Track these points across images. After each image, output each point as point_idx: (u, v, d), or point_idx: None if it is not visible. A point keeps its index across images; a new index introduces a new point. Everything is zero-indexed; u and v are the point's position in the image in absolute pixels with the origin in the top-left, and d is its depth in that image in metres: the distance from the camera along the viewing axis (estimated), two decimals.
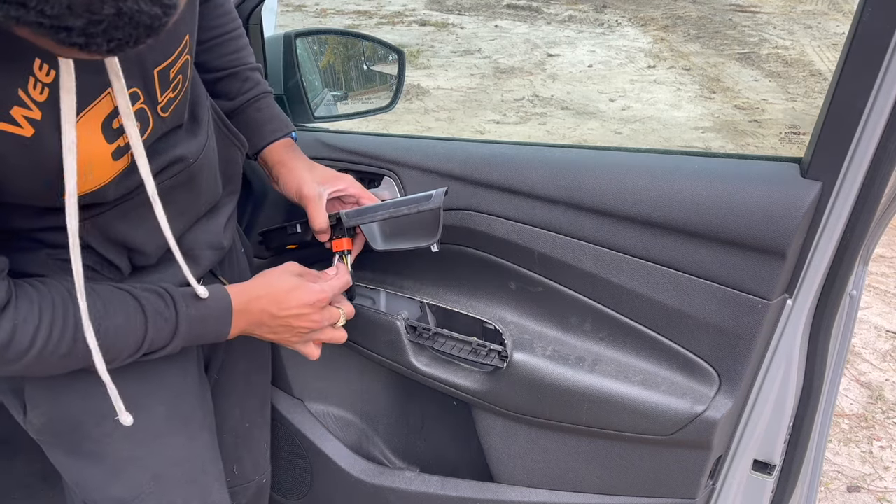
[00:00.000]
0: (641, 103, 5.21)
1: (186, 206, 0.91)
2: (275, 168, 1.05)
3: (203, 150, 0.91)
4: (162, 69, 0.76)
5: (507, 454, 1.14)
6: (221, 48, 1.03)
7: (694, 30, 6.96)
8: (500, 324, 1.08)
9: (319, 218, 1.00)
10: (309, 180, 1.01)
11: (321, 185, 1.01)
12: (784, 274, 0.88)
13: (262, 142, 1.06)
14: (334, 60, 1.58)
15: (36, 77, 0.65)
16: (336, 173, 1.04)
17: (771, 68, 5.89)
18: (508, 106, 5.17)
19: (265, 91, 1.07)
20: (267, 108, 1.06)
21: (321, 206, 1.00)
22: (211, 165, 0.94)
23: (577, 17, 7.47)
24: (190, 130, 0.89)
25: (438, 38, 6.84)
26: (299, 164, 1.04)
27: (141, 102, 0.76)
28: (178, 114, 0.84)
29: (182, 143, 0.87)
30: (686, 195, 0.90)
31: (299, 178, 1.02)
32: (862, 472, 2.14)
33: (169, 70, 0.77)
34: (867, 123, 0.78)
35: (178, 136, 0.86)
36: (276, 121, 1.06)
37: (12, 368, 0.75)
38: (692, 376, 0.97)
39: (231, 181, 1.03)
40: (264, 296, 0.91)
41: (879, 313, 2.91)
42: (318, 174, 1.03)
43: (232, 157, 1.02)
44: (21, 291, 0.74)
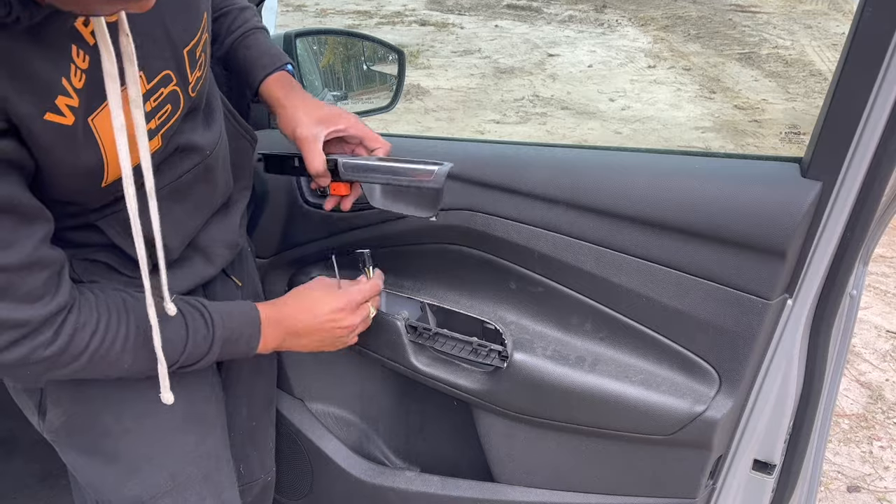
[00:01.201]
0: (641, 103, 5.21)
1: (203, 201, 0.90)
2: (272, 107, 1.00)
3: (218, 142, 0.90)
4: (190, 49, 0.76)
5: (507, 454, 1.14)
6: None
7: (694, 30, 6.96)
8: (500, 324, 1.08)
9: (315, 161, 0.94)
10: (304, 120, 0.95)
11: (318, 124, 0.95)
12: (784, 274, 0.88)
13: (255, 81, 1.00)
14: (334, 60, 1.58)
15: (75, 63, 0.65)
16: (337, 111, 0.98)
17: (771, 68, 5.89)
18: (508, 106, 5.17)
19: (253, 27, 1.02)
20: (255, 45, 1.01)
21: (317, 148, 0.94)
22: (224, 158, 0.94)
23: (577, 17, 7.47)
24: (206, 121, 0.89)
25: (438, 38, 6.84)
26: (296, 102, 0.97)
27: (174, 84, 0.76)
28: (201, 95, 0.84)
29: (199, 133, 0.86)
30: (686, 195, 0.90)
31: (294, 117, 0.96)
32: (862, 472, 2.14)
33: (195, 49, 0.78)
34: (867, 123, 0.78)
35: (196, 125, 0.86)
36: (266, 56, 1.00)
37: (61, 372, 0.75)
38: (692, 376, 0.97)
39: (242, 175, 1.01)
40: (295, 308, 0.92)
41: (879, 313, 2.91)
42: (315, 113, 0.96)
43: (242, 149, 1.01)
44: (82, 297, 0.75)
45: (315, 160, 0.94)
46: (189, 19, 0.76)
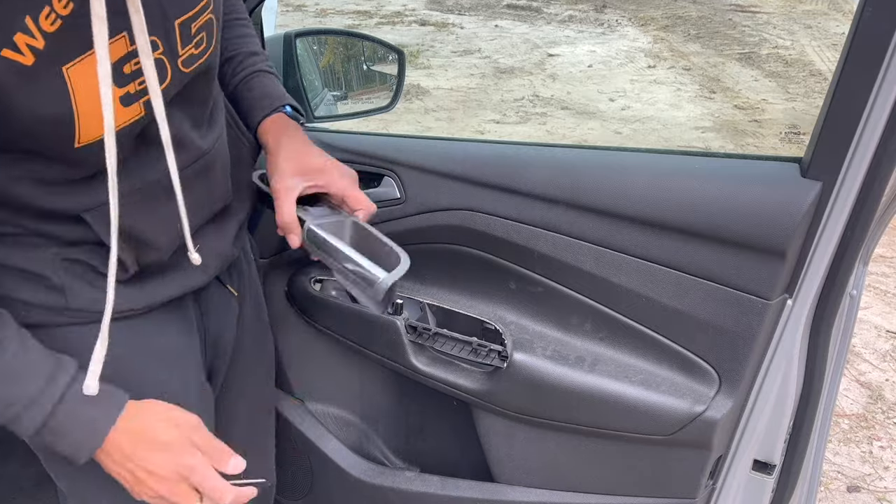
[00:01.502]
0: (641, 103, 5.21)
1: (200, 201, 0.88)
2: (263, 150, 0.97)
3: (217, 142, 0.88)
4: (183, 21, 0.74)
5: (507, 454, 1.14)
6: (226, 32, 0.99)
7: (694, 30, 6.96)
8: (500, 324, 1.08)
9: (281, 215, 0.89)
10: (284, 169, 0.90)
11: (296, 176, 0.90)
12: (784, 274, 0.88)
13: (252, 123, 0.97)
14: (334, 60, 1.58)
15: (52, 7, 0.63)
16: (322, 164, 0.92)
17: (771, 68, 5.89)
18: (508, 106, 5.17)
19: (258, 70, 0.99)
20: (258, 87, 0.98)
21: (286, 202, 0.88)
22: (223, 161, 0.91)
23: (577, 17, 7.47)
24: (208, 120, 0.87)
25: (438, 38, 6.84)
26: (281, 148, 0.93)
27: (160, 53, 0.73)
28: (203, 79, 0.81)
29: (198, 131, 0.85)
30: (686, 195, 0.90)
31: (276, 164, 0.91)
32: (862, 472, 2.14)
33: (191, 24, 0.75)
34: (867, 123, 0.78)
35: (197, 122, 0.84)
36: (265, 98, 0.97)
37: None
38: (692, 376, 0.97)
39: (242, 185, 0.99)
40: (143, 426, 0.79)
41: (879, 313, 2.91)
42: (297, 163, 0.91)
43: (243, 160, 0.98)
44: None
45: (282, 214, 0.88)
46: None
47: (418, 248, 1.13)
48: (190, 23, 0.75)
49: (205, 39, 0.78)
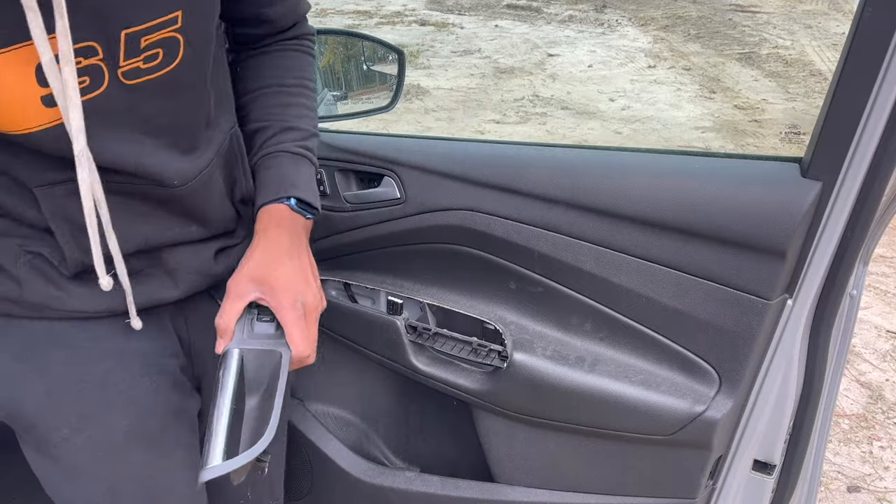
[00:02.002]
0: (641, 103, 5.21)
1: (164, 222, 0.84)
2: None
3: (195, 179, 0.82)
4: (131, 33, 0.70)
5: (507, 454, 1.14)
6: (265, 99, 0.93)
7: (694, 30, 6.96)
8: (500, 324, 1.08)
9: (220, 316, 0.80)
10: (247, 268, 0.82)
11: (251, 283, 0.81)
12: (784, 274, 0.88)
13: (255, 206, 0.90)
14: (334, 60, 1.58)
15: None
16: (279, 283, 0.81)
17: (771, 68, 5.89)
18: (508, 106, 5.17)
19: (281, 150, 0.91)
20: (273, 168, 0.90)
21: (229, 308, 0.80)
22: (211, 196, 0.86)
23: (577, 17, 7.47)
24: (179, 147, 0.80)
25: (438, 38, 6.84)
26: (259, 245, 0.85)
27: (98, 59, 0.70)
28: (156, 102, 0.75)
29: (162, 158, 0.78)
30: (686, 195, 0.90)
31: (243, 261, 0.84)
32: (862, 472, 2.14)
33: (140, 37, 0.71)
34: (867, 123, 0.78)
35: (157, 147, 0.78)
36: (272, 184, 0.89)
37: None
38: (692, 376, 0.97)
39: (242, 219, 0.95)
40: None
41: (879, 313, 2.91)
42: (260, 267, 0.82)
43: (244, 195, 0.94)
44: None
45: (221, 317, 0.81)
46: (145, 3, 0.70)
47: (418, 248, 1.13)
48: (140, 35, 0.71)
49: (160, 56, 0.73)
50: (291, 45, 0.96)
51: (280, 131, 0.92)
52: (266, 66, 0.94)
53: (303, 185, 0.90)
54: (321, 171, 1.18)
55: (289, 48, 0.95)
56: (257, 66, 0.94)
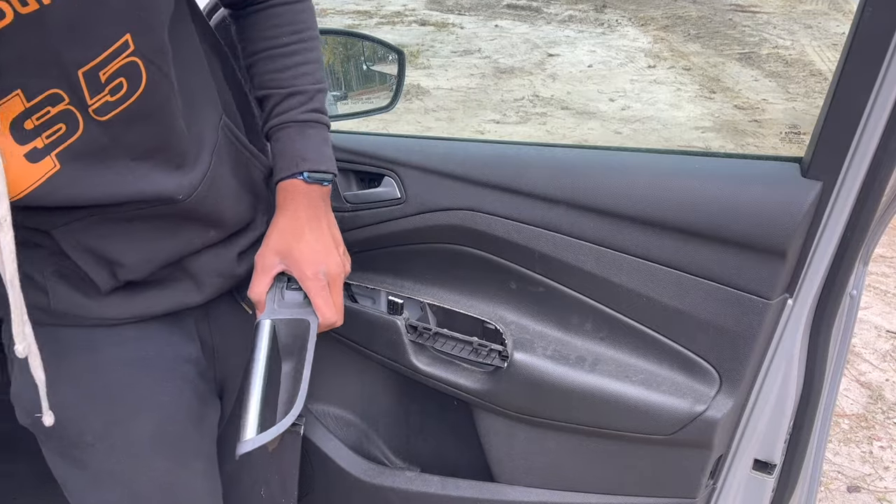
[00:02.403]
0: (641, 103, 5.21)
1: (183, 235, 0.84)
2: None
3: (199, 187, 0.82)
4: (88, 70, 0.69)
5: (507, 454, 1.14)
6: (263, 64, 0.90)
7: (694, 30, 6.96)
8: (500, 324, 1.08)
9: (252, 288, 0.85)
10: (271, 241, 0.86)
11: (277, 255, 0.86)
12: (784, 274, 0.88)
13: (272, 181, 0.92)
14: (334, 60, 1.58)
15: None
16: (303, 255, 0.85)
17: (771, 68, 5.89)
18: (508, 106, 5.17)
19: (292, 120, 0.89)
20: (282, 142, 0.90)
21: (260, 279, 0.85)
22: (222, 197, 0.86)
23: (577, 17, 7.47)
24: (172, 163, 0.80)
25: (438, 38, 6.84)
26: (280, 218, 0.88)
27: (66, 104, 0.69)
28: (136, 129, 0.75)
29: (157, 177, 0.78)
30: (686, 195, 0.90)
31: (269, 231, 0.88)
32: (862, 472, 2.14)
33: (98, 72, 0.69)
34: (867, 123, 0.78)
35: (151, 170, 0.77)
36: (285, 157, 0.89)
37: None
38: (693, 376, 0.97)
39: (257, 205, 0.94)
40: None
41: (879, 313, 2.91)
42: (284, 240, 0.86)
43: (256, 181, 0.94)
44: None
45: (252, 290, 0.85)
46: (88, 39, 0.68)
47: (418, 248, 1.13)
48: (97, 70, 0.69)
49: (125, 85, 0.72)
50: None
51: (283, 99, 0.90)
52: (256, 28, 0.91)
53: (313, 155, 0.89)
54: None
55: (273, 3, 0.91)
56: (248, 27, 0.91)
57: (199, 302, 0.90)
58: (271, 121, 0.90)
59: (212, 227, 0.87)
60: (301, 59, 0.91)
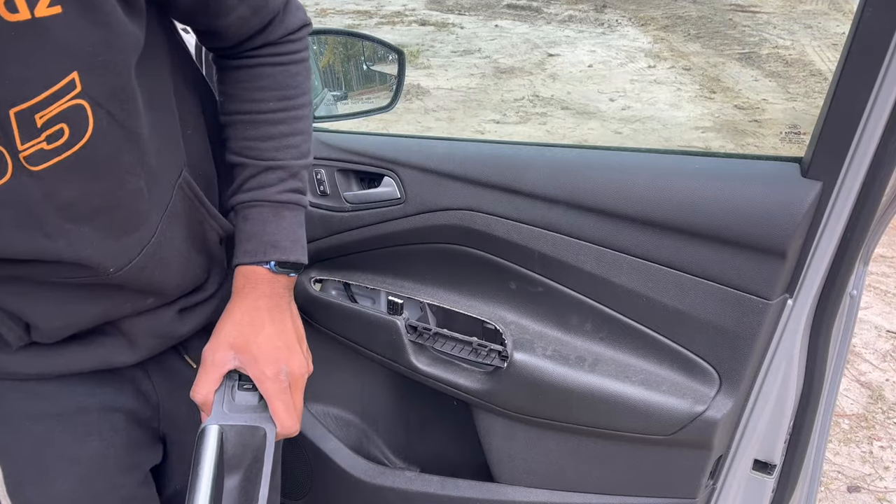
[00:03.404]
0: (641, 103, 5.21)
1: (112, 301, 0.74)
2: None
3: (137, 258, 0.71)
4: (21, 111, 0.58)
5: (507, 454, 1.14)
6: (243, 129, 0.79)
7: (694, 30, 6.96)
8: (500, 324, 1.08)
9: (195, 388, 0.75)
10: (223, 334, 0.76)
11: (230, 350, 0.75)
12: (784, 274, 0.88)
13: (232, 262, 0.81)
14: (334, 60, 1.58)
15: None
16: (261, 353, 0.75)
17: (771, 68, 5.89)
18: (508, 106, 5.17)
19: (264, 199, 0.79)
20: (252, 221, 0.79)
21: (205, 378, 0.74)
22: (165, 266, 0.75)
23: (577, 17, 7.47)
24: (115, 228, 0.69)
25: (438, 38, 6.84)
26: (236, 308, 0.77)
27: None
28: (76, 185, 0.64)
29: (93, 245, 0.67)
30: (686, 195, 0.90)
31: (222, 322, 0.77)
32: (862, 472, 2.14)
33: (33, 115, 0.59)
34: (867, 123, 0.78)
35: (87, 233, 0.67)
36: (252, 241, 0.78)
37: None
38: (692, 376, 0.97)
39: (214, 265, 0.84)
40: None
41: (879, 313, 2.91)
42: (239, 334, 0.75)
43: (210, 243, 0.83)
44: None
45: (196, 389, 0.75)
46: (24, 76, 0.58)
47: (418, 248, 1.13)
48: (32, 113, 0.59)
49: (66, 132, 0.61)
50: (266, 57, 0.79)
51: (260, 172, 0.79)
52: (240, 86, 0.80)
53: (284, 242, 0.79)
54: (321, 171, 1.18)
55: (264, 62, 0.79)
56: (231, 82, 0.80)
57: (131, 362, 0.80)
58: (241, 195, 0.80)
59: (149, 294, 0.77)
60: (287, 130, 0.80)
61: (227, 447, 0.72)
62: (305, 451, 1.35)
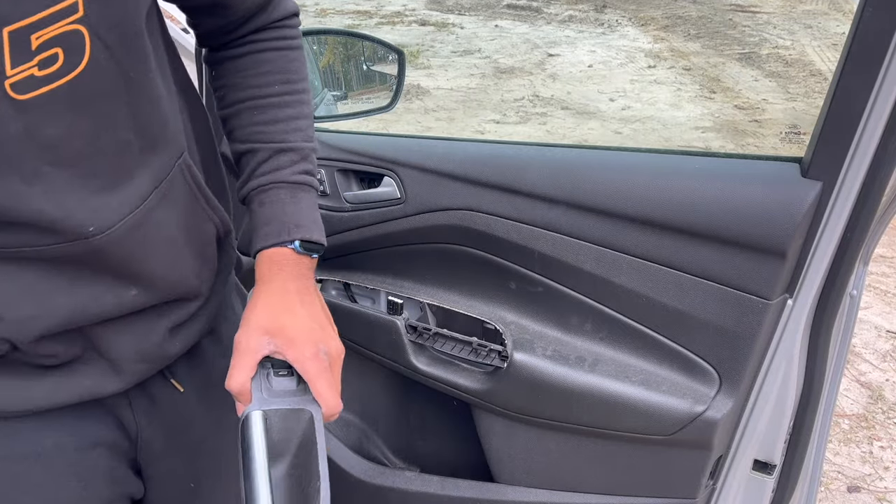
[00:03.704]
0: (641, 103, 5.21)
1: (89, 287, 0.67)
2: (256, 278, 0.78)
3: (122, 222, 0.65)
4: (16, 30, 0.54)
5: (507, 454, 1.14)
6: (249, 115, 0.78)
7: (694, 30, 6.96)
8: (500, 324, 1.07)
9: (233, 377, 0.70)
10: (255, 319, 0.72)
11: (264, 335, 0.72)
12: (784, 274, 0.88)
13: (252, 248, 0.78)
14: (334, 60, 1.58)
15: None
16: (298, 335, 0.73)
17: (771, 68, 5.89)
18: (508, 106, 5.17)
19: (282, 181, 0.77)
20: (270, 204, 0.77)
21: (242, 367, 0.70)
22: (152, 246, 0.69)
23: (577, 17, 7.47)
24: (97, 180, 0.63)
25: (438, 38, 6.84)
26: (264, 292, 0.75)
27: None
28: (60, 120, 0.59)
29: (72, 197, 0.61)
30: (686, 195, 0.90)
31: (250, 308, 0.74)
32: (862, 473, 2.14)
33: (30, 34, 0.54)
34: (867, 123, 0.78)
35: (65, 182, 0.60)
36: (274, 223, 0.76)
37: None
38: (692, 376, 0.97)
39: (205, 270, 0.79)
40: None
41: (879, 313, 2.91)
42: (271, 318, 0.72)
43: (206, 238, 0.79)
44: None
45: (232, 377, 0.70)
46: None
47: (418, 248, 1.13)
48: (29, 32, 0.54)
49: (60, 58, 0.57)
50: (267, 42, 0.79)
51: (272, 155, 0.78)
52: (242, 74, 0.79)
53: (306, 221, 0.78)
54: (321, 171, 1.18)
55: (265, 46, 0.79)
56: (232, 72, 0.79)
57: (119, 390, 0.75)
58: (256, 179, 0.78)
59: (132, 283, 0.69)
60: (293, 113, 0.79)
61: (273, 433, 0.70)
62: None
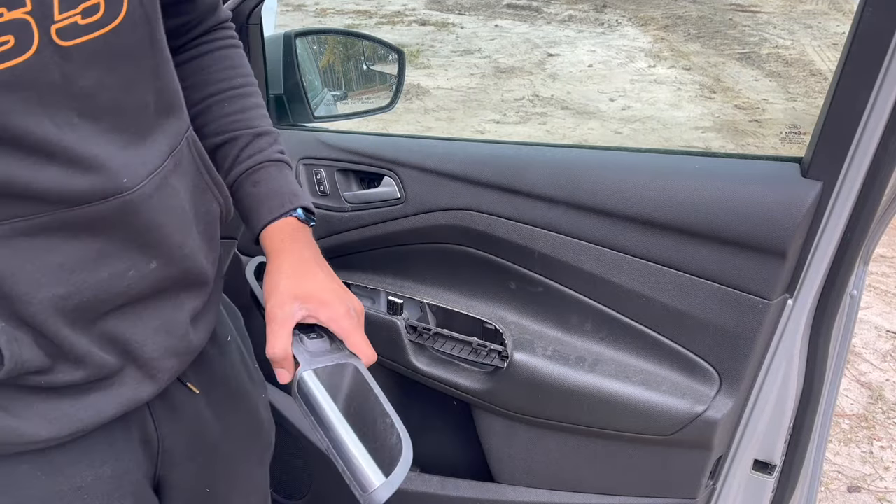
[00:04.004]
0: (641, 103, 5.21)
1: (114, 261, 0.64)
2: (266, 255, 0.80)
3: (150, 177, 0.64)
4: None
5: (507, 454, 1.14)
6: (220, 108, 0.81)
7: (694, 29, 6.96)
8: (500, 324, 1.07)
9: (273, 346, 0.72)
10: (282, 289, 0.74)
11: (295, 301, 0.74)
12: (784, 274, 0.88)
13: (256, 227, 0.80)
14: (334, 60, 1.58)
15: None
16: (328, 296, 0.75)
17: (771, 68, 5.89)
18: (508, 106, 5.17)
19: (267, 159, 0.80)
20: (266, 181, 0.79)
21: (281, 334, 0.72)
22: (171, 212, 0.69)
23: (577, 17, 7.47)
24: (125, 134, 0.63)
25: (438, 38, 6.84)
26: (285, 261, 0.77)
27: (25, 10, 0.52)
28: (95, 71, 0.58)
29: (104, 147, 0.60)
30: (686, 195, 0.90)
31: (274, 281, 0.75)
32: (862, 473, 2.14)
33: None
34: (867, 123, 0.78)
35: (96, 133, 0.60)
36: (274, 197, 0.79)
37: None
38: (693, 376, 0.97)
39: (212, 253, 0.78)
40: None
41: (879, 313, 2.91)
42: (297, 284, 0.75)
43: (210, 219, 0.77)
44: None
45: (275, 345, 0.72)
46: None
47: (418, 248, 1.13)
48: None
49: (101, 7, 0.57)
50: (221, 40, 0.84)
51: (253, 139, 0.81)
52: (206, 71, 0.82)
53: (299, 192, 0.81)
54: (321, 171, 1.18)
55: (221, 45, 0.83)
56: (195, 71, 0.82)
57: (153, 394, 0.74)
58: (244, 163, 0.80)
59: (153, 254, 0.68)
60: (257, 101, 0.84)
61: (326, 387, 0.73)
62: (305, 451, 1.35)
